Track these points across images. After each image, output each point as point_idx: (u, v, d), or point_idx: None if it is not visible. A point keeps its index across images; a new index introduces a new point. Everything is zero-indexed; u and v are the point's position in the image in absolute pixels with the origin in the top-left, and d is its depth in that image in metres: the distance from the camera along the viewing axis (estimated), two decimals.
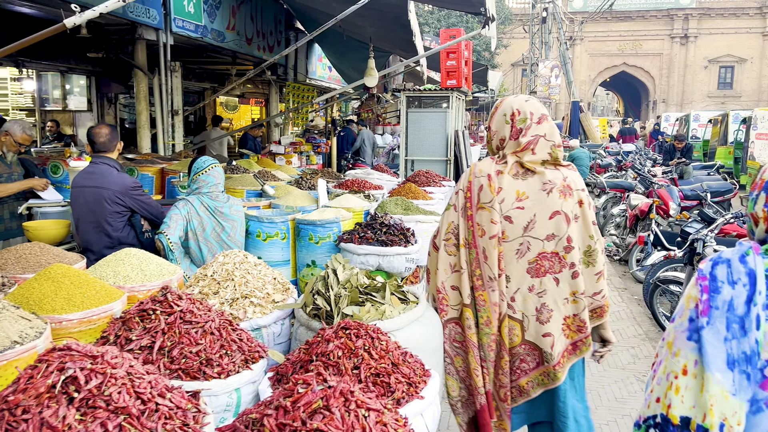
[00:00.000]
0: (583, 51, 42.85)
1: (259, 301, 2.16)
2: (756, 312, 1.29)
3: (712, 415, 1.27)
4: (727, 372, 1.28)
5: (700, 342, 1.31)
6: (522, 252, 2.38)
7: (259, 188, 4.99)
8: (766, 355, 1.28)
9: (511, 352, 2.40)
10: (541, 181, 2.39)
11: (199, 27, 7.52)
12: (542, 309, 2.38)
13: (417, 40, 7.51)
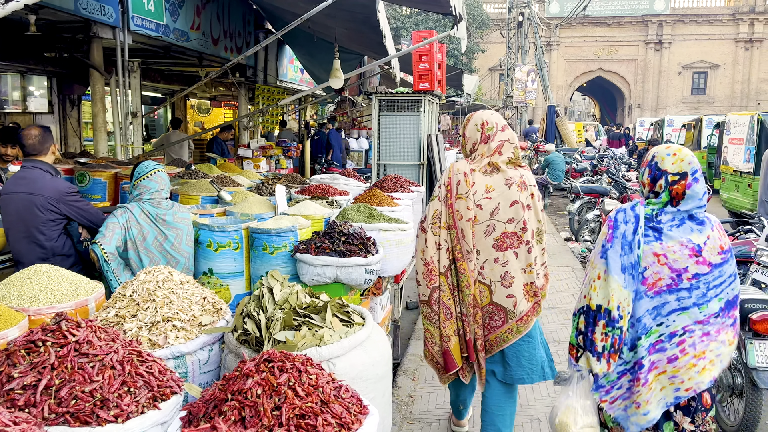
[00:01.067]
0: (559, 56, 43.10)
1: (183, 325, 1.91)
2: (637, 239, 2.35)
3: (613, 301, 2.33)
4: (621, 275, 2.33)
5: (606, 258, 2.37)
6: (489, 231, 3.12)
7: (215, 194, 4.72)
8: (643, 264, 2.34)
9: (482, 310, 3.14)
10: (504, 177, 3.13)
11: (161, 26, 7.22)
12: (505, 276, 3.09)
13: (387, 41, 7.30)
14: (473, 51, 38.28)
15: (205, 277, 3.86)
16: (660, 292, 2.41)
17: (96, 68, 6.54)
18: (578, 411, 2.44)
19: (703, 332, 2.41)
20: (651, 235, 2.42)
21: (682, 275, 2.38)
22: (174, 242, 3.45)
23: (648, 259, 2.40)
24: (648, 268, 2.41)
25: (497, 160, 3.16)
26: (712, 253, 2.39)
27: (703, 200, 2.43)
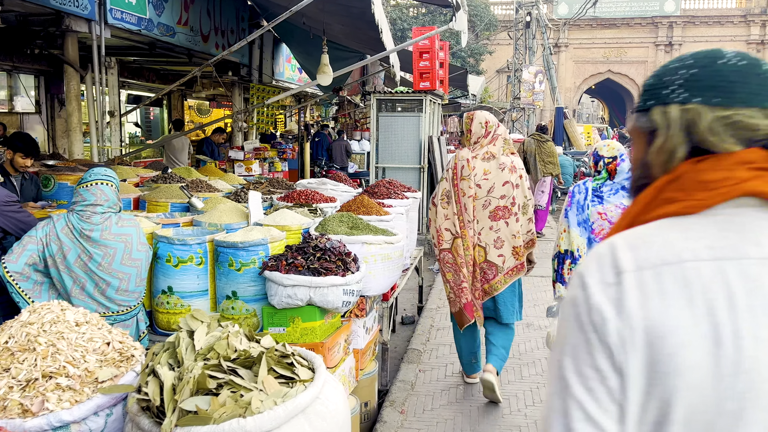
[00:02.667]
0: (568, 58, 42.50)
1: (70, 383, 1.45)
2: (587, 203, 3.53)
3: (573, 246, 3.52)
4: (578, 228, 3.54)
5: (567, 217, 3.59)
6: (486, 205, 4.01)
7: (186, 200, 4.27)
8: (592, 220, 3.50)
9: (479, 266, 4.01)
10: (498, 163, 4.01)
11: (143, 20, 6.79)
12: (497, 240, 3.99)
13: (384, 36, 6.84)
14: (480, 52, 37.78)
15: (164, 297, 3.41)
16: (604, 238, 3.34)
17: (70, 64, 6.11)
18: None
19: None
20: (596, 201, 3.61)
21: None
22: (101, 262, 3.00)
23: (594, 216, 3.60)
24: (595, 222, 3.60)
25: (493, 150, 4.09)
26: None
27: (628, 172, 3.41)
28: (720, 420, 0.83)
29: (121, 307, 3.11)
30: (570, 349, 0.90)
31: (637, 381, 0.85)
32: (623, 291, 0.87)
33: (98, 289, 3.02)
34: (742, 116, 0.93)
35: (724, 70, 0.95)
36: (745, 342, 0.83)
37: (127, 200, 4.36)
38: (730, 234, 0.90)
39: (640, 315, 0.85)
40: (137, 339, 3.24)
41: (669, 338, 0.84)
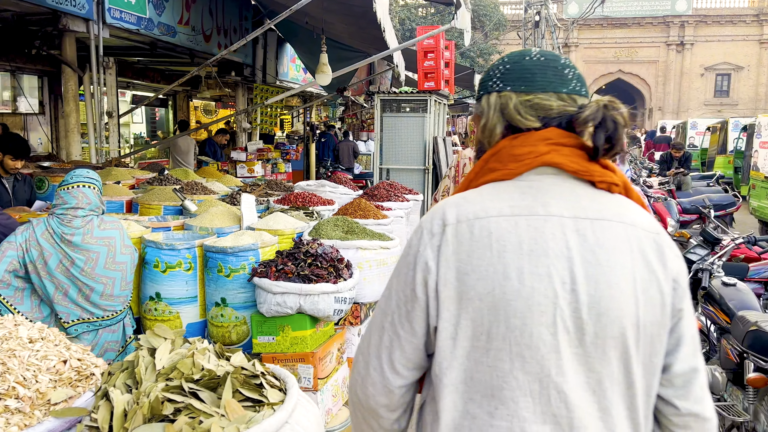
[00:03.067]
0: (578, 58, 42.19)
1: (19, 405, 1.34)
2: None
3: None
4: None
5: None
6: None
7: (179, 203, 4.16)
8: None
9: None
10: None
11: (142, 20, 6.71)
12: None
13: (387, 35, 6.72)
14: (489, 52, 37.57)
15: (152, 303, 3.30)
16: None
17: (68, 64, 6.03)
18: None
19: None
20: None
21: None
22: (84, 267, 2.89)
23: None
24: None
25: None
26: None
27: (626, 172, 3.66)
28: (512, 333, 1.08)
29: (106, 312, 3.01)
30: (398, 277, 1.18)
31: (448, 308, 1.11)
32: (444, 240, 1.13)
33: (82, 294, 2.92)
34: (539, 99, 1.17)
35: (528, 65, 1.20)
36: (526, 275, 1.08)
37: (120, 203, 4.27)
38: (528, 196, 1.14)
39: (453, 258, 1.11)
40: (124, 344, 3.14)
41: (472, 275, 1.10)
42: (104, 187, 4.47)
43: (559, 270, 1.09)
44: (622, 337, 1.10)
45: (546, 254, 1.10)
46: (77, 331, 2.92)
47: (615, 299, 1.10)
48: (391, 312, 1.19)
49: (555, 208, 1.13)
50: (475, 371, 1.11)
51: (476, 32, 35.81)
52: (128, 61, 10.10)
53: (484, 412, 1.11)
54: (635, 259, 1.12)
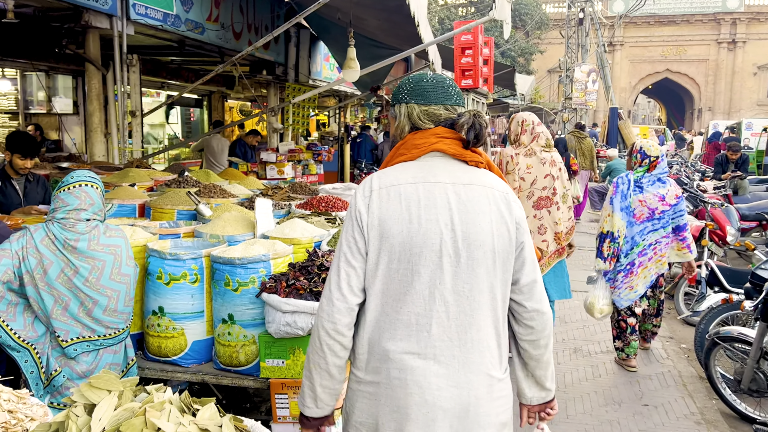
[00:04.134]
0: (623, 57, 40.98)
1: None
2: (629, 192, 4.38)
3: (615, 227, 4.33)
4: (620, 213, 4.35)
5: (612, 204, 4.38)
6: (529, 196, 4.38)
7: (193, 207, 3.88)
8: (633, 206, 4.36)
9: None
10: (539, 158, 4.41)
11: (169, 16, 6.49)
12: (541, 227, 4.37)
13: (422, 30, 6.36)
14: (530, 52, 36.77)
15: (154, 318, 3.02)
16: (643, 221, 4.37)
17: (91, 62, 5.86)
18: (599, 296, 4.37)
19: (665, 243, 4.42)
20: (637, 190, 4.39)
21: (654, 211, 4.37)
22: (89, 277, 2.61)
23: (635, 203, 4.37)
24: (636, 208, 4.37)
25: (534, 147, 4.48)
26: (671, 198, 4.39)
27: (665, 169, 4.52)
28: (413, 257, 1.65)
29: (109, 329, 2.73)
30: (345, 228, 1.72)
31: (374, 243, 1.67)
32: (371, 199, 1.69)
33: (84, 308, 2.64)
34: (433, 110, 1.76)
35: (425, 85, 1.78)
36: (423, 220, 1.65)
37: (132, 206, 4.02)
38: (423, 170, 1.71)
39: (377, 211, 1.67)
40: (125, 367, 2.85)
41: (388, 221, 1.66)
42: (117, 189, 4.24)
43: (443, 216, 1.65)
44: (484, 259, 1.66)
45: (435, 206, 1.65)
46: (76, 351, 2.64)
47: (479, 234, 1.65)
48: (344, 253, 1.71)
49: (440, 178, 1.69)
50: (389, 284, 1.66)
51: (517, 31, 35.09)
52: (162, 61, 9.99)
53: (393, 310, 1.67)
54: (491, 209, 1.68)
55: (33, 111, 10.43)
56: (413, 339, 1.66)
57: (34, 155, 4.35)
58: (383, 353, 1.68)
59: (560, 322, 5.43)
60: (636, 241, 4.37)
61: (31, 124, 10.07)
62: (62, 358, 2.63)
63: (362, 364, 1.73)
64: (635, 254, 4.36)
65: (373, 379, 1.70)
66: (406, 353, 1.66)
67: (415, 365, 1.65)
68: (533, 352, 1.80)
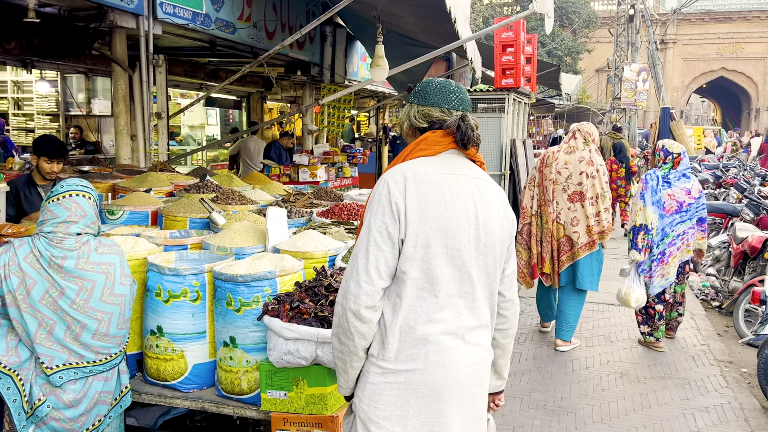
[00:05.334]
0: (675, 55, 39.51)
1: None
2: (659, 187, 4.76)
3: (648, 220, 4.68)
4: (651, 206, 4.72)
5: (643, 198, 4.73)
6: (565, 189, 4.83)
7: (207, 215, 3.64)
8: (663, 200, 4.79)
9: (558, 241, 4.85)
10: (578, 156, 4.85)
11: (198, 15, 6.33)
12: (574, 219, 4.80)
13: (459, 26, 6.01)
14: (578, 51, 35.77)
15: (153, 338, 2.78)
16: (672, 214, 4.76)
17: (117, 62, 5.73)
18: (633, 286, 4.67)
19: (691, 233, 4.86)
20: (665, 185, 4.79)
21: (682, 204, 4.77)
22: (76, 299, 2.39)
23: (665, 197, 4.76)
24: (666, 202, 4.76)
25: (575, 144, 4.88)
26: (695, 192, 4.83)
27: (688, 165, 4.95)
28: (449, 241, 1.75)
29: (99, 355, 2.50)
30: (375, 213, 1.77)
31: (412, 227, 1.73)
32: (407, 186, 1.76)
33: (70, 332, 2.42)
34: (428, 110, 1.90)
35: (428, 89, 1.92)
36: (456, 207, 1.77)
37: (144, 213, 3.80)
38: (447, 164, 1.84)
39: (415, 197, 1.75)
40: (118, 396, 2.62)
41: (426, 206, 1.75)
42: (130, 195, 4.04)
43: (470, 205, 1.80)
44: (494, 246, 1.84)
45: (464, 195, 1.81)
46: (62, 378, 2.42)
47: (492, 224, 1.83)
48: (373, 238, 1.74)
49: (463, 171, 1.86)
50: (426, 268, 1.75)
51: (564, 30, 34.15)
52: (200, 63, 9.91)
53: (429, 294, 1.76)
54: (498, 203, 1.88)
55: (73, 113, 10.52)
56: (448, 320, 1.76)
57: (62, 158, 4.19)
58: (421, 338, 1.74)
59: (605, 341, 5.01)
60: (666, 233, 4.78)
61: (71, 126, 10.15)
62: (47, 386, 2.41)
63: (391, 354, 1.76)
64: (665, 244, 4.78)
65: (407, 367, 1.75)
66: (443, 334, 1.76)
67: (451, 345, 1.76)
68: (501, 341, 1.96)
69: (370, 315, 1.74)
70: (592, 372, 4.40)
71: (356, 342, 1.76)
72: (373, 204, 1.78)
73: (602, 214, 4.71)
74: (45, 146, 4.12)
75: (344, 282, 1.77)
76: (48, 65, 8.60)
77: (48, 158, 4.10)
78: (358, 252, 1.77)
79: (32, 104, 10.69)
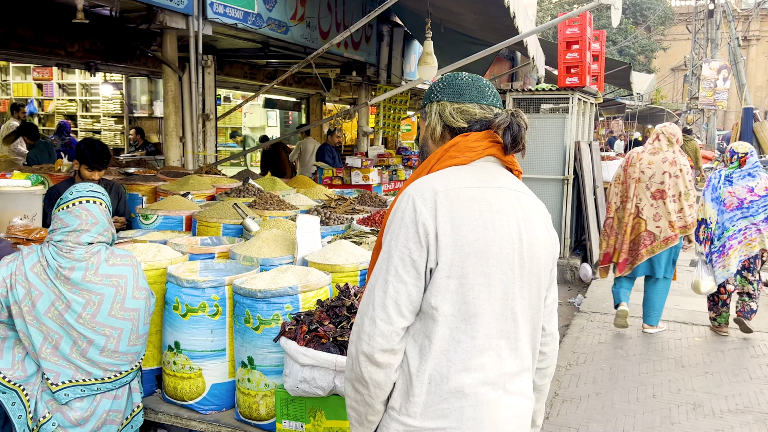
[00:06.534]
0: (759, 52, 37.20)
1: None
2: (720, 185, 5.13)
3: (707, 215, 5.16)
4: (711, 203, 5.16)
5: (704, 195, 5.22)
6: (648, 187, 5.09)
7: (240, 221, 3.47)
8: (723, 197, 5.08)
9: (640, 234, 5.11)
10: (662, 156, 5.09)
11: (249, 15, 6.23)
12: (656, 215, 5.05)
13: (519, 22, 5.64)
14: (652, 49, 34.21)
15: (171, 355, 2.61)
16: (732, 210, 5.05)
17: (168, 64, 5.68)
18: (702, 275, 5.08)
19: (755, 229, 5.00)
20: (727, 183, 5.11)
21: (743, 201, 5.03)
22: (82, 313, 2.23)
23: (725, 194, 5.09)
24: (726, 198, 5.08)
25: (659, 146, 5.15)
26: (760, 190, 5.00)
27: (756, 164, 5.12)
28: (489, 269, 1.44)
29: (107, 372, 2.34)
30: (397, 237, 1.45)
31: (446, 253, 1.42)
32: (437, 203, 1.44)
33: (77, 348, 2.28)
34: (466, 107, 1.60)
35: (460, 83, 1.63)
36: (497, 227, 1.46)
37: (179, 218, 3.68)
38: (484, 175, 1.53)
39: (448, 216, 1.43)
40: (129, 415, 2.46)
41: (462, 227, 1.43)
42: (165, 200, 3.92)
43: (513, 224, 1.49)
44: (539, 273, 1.54)
45: (506, 213, 1.50)
46: (68, 396, 2.27)
47: (537, 246, 1.52)
48: (394, 267, 1.44)
49: (503, 183, 1.54)
50: (463, 302, 1.44)
51: (638, 27, 32.71)
52: (258, 65, 9.91)
53: (466, 336, 1.44)
54: (542, 220, 1.57)
55: (137, 114, 10.74)
56: (487, 367, 1.46)
57: (101, 167, 3.96)
58: (456, 390, 1.44)
59: (675, 365, 4.53)
60: (726, 227, 5.06)
61: (133, 128, 10.35)
62: (53, 403, 2.27)
63: (418, 408, 1.45)
64: (725, 238, 5.05)
65: (438, 425, 1.44)
66: (482, 385, 1.46)
67: (490, 398, 1.46)
68: (539, 383, 1.69)
69: (387, 360, 1.44)
70: (660, 401, 3.95)
71: (372, 392, 1.47)
72: (394, 224, 1.46)
73: (685, 210, 5.03)
74: (88, 153, 3.93)
75: (358, 317, 1.48)
76: (110, 68, 8.78)
77: (88, 166, 3.92)
78: (375, 283, 1.46)
79: (99, 106, 10.98)
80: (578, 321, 5.52)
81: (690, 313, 5.78)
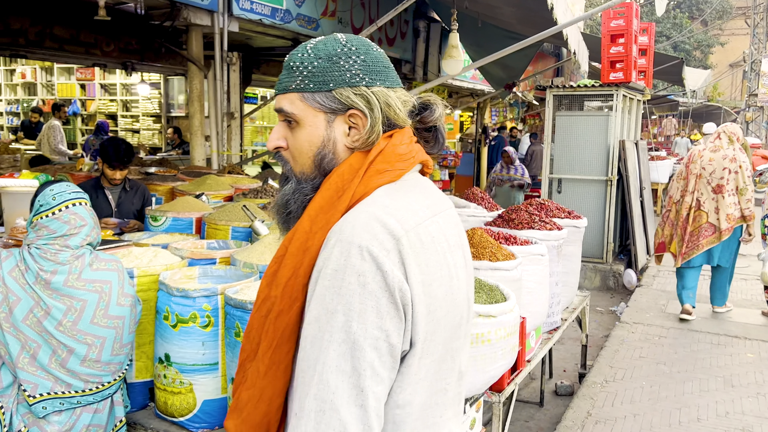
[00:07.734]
0: None
1: None
2: None
3: None
4: None
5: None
6: (709, 182, 5.41)
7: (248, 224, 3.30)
8: None
9: (701, 226, 5.43)
10: (722, 154, 5.41)
11: (278, 11, 6.10)
12: (716, 209, 5.37)
13: (558, 14, 5.32)
14: (709, 44, 32.87)
15: (161, 367, 2.44)
16: None
17: (193, 61, 5.59)
18: None
19: None
20: None
21: None
22: (62, 320, 2.08)
23: None
24: None
25: (720, 144, 5.49)
26: None
27: None
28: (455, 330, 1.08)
29: (88, 383, 2.19)
30: (363, 315, 0.96)
31: (421, 325, 1.01)
32: (402, 255, 0.99)
33: (56, 358, 2.13)
34: (402, 95, 1.11)
35: (378, 55, 1.10)
36: (458, 269, 1.10)
37: (188, 221, 3.54)
38: (424, 196, 1.11)
39: (417, 271, 1.01)
40: (111, 430, 2.30)
41: (434, 283, 1.03)
42: (175, 201, 3.80)
43: (460, 258, 1.13)
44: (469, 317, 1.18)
45: (458, 246, 1.14)
46: (46, 409, 2.13)
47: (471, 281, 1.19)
48: (369, 364, 0.97)
49: (441, 201, 1.15)
50: (432, 391, 1.08)
51: (693, 22, 31.45)
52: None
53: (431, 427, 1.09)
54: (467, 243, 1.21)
55: (174, 114, 10.81)
56: None
57: (123, 166, 3.91)
58: None
59: (725, 384, 4.15)
60: None
61: (170, 127, 10.40)
62: (29, 416, 2.13)
63: None
64: None
65: None
66: None
67: None
68: None
69: None
70: (705, 426, 3.59)
71: None
72: (347, 295, 0.97)
73: (742, 203, 5.36)
74: (111, 151, 3.87)
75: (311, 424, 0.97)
76: (146, 67, 8.81)
77: (109, 166, 3.87)
78: (334, 391, 0.95)
79: (138, 106, 11.10)
80: (618, 332, 5.16)
81: (743, 326, 5.34)
